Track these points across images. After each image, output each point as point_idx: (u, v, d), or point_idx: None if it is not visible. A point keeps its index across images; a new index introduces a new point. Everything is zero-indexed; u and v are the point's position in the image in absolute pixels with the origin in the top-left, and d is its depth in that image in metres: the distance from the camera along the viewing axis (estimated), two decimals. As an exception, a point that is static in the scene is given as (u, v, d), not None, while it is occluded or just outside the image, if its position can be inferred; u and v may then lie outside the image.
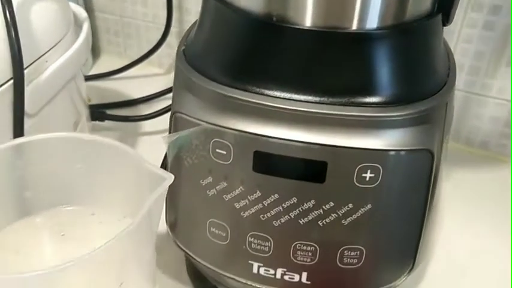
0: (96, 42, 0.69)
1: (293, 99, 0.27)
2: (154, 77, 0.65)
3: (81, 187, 0.33)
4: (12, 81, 0.34)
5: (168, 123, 0.31)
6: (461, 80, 0.50)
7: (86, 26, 0.44)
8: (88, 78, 0.63)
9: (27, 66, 0.35)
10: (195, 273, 0.37)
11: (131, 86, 0.63)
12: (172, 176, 0.28)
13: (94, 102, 0.57)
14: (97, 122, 0.52)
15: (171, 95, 0.58)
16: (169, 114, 0.52)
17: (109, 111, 0.53)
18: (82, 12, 0.45)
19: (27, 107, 0.35)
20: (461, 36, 0.49)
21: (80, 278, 0.25)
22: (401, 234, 0.30)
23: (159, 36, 0.61)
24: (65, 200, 0.33)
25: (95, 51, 0.70)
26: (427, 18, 0.28)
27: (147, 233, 0.28)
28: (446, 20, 0.30)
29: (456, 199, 0.46)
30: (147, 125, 0.55)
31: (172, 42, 0.63)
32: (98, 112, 0.51)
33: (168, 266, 0.40)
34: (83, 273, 0.25)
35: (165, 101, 0.59)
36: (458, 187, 0.48)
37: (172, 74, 0.58)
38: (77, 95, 0.44)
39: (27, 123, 0.35)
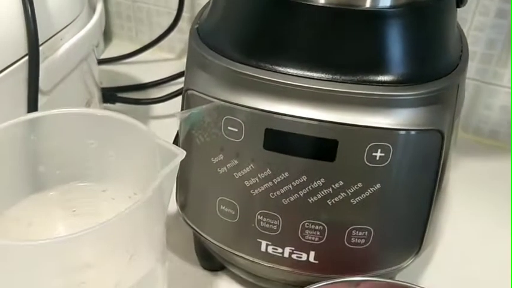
0: (108, 27, 0.70)
1: (305, 77, 0.27)
2: (166, 62, 0.66)
3: (93, 163, 0.33)
4: (27, 57, 0.34)
5: (181, 101, 0.32)
6: (472, 68, 0.50)
7: (99, 7, 0.44)
8: (100, 62, 0.63)
9: (43, 43, 0.36)
10: (203, 252, 0.38)
11: (142, 70, 0.63)
12: (184, 152, 0.28)
13: (105, 85, 0.58)
14: (108, 105, 0.52)
15: (182, 79, 0.59)
16: (180, 97, 0.53)
17: (120, 95, 0.53)
18: (96, -7, 0.45)
19: (42, 83, 0.35)
20: (473, 24, 0.49)
21: (91, 249, 0.26)
22: (409, 215, 0.30)
23: (170, 21, 0.62)
24: (77, 176, 0.34)
25: (107, 35, 0.70)
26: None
27: (158, 208, 0.29)
28: (461, 1, 0.30)
29: (465, 188, 0.46)
30: (158, 108, 0.55)
31: (184, 27, 0.63)
32: (109, 94, 0.52)
33: (177, 246, 0.40)
34: (93, 244, 0.26)
35: (176, 86, 0.59)
36: (467, 176, 0.48)
37: (184, 59, 0.58)
38: (89, 75, 0.44)
39: (41, 100, 0.36)
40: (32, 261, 0.24)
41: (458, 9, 0.31)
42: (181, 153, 0.28)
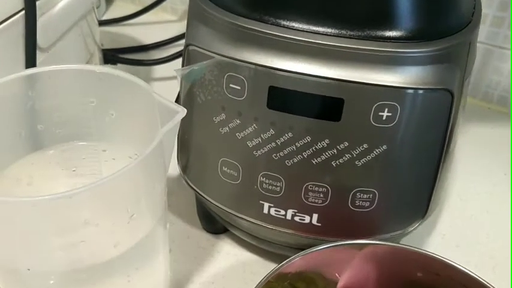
0: (110, -13, 0.68)
1: (311, 31, 0.26)
2: (168, 24, 0.64)
3: (93, 122, 0.33)
4: (23, 12, 0.33)
5: (181, 58, 0.31)
6: (483, 31, 0.49)
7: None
8: (101, 23, 0.62)
9: (39, -1, 0.34)
10: (205, 214, 0.37)
11: (144, 31, 0.62)
12: (185, 110, 0.27)
13: (106, 47, 0.57)
14: (109, 65, 0.51)
15: (183, 41, 0.58)
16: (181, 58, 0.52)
17: (122, 56, 0.52)
18: None
19: (39, 39, 0.34)
20: (486, -15, 0.47)
21: (90, 206, 0.25)
22: (415, 178, 0.30)
23: (173, -19, 0.60)
24: (77, 135, 0.33)
25: (108, -4, 0.69)
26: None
27: (159, 167, 0.28)
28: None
29: (472, 153, 0.46)
30: (160, 70, 0.54)
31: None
32: (111, 55, 0.51)
33: (179, 208, 0.40)
34: (92, 201, 0.25)
35: (179, 47, 0.57)
36: (474, 142, 0.47)
37: (185, 21, 0.57)
38: (89, 34, 0.43)
39: (39, 57, 0.35)
40: (30, 218, 0.24)
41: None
42: (182, 111, 0.27)
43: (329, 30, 0.26)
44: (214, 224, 0.38)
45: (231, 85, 0.28)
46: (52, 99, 0.31)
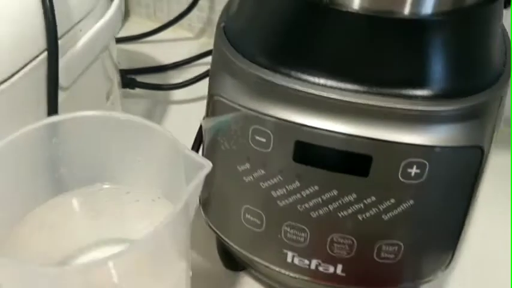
0: (126, 3, 0.68)
1: (339, 88, 0.26)
2: (184, 41, 0.64)
3: (116, 166, 0.32)
4: (46, 53, 0.33)
5: (206, 106, 0.30)
6: None
7: (118, -7, 0.42)
8: (117, 40, 0.61)
9: (62, 36, 0.34)
10: (226, 253, 0.37)
11: (161, 49, 0.62)
12: (211, 164, 0.27)
13: (123, 66, 0.56)
14: (127, 90, 0.51)
15: (201, 61, 0.58)
16: (199, 83, 0.51)
17: (139, 78, 0.52)
18: (114, -23, 0.43)
19: (62, 79, 0.34)
20: None
21: (117, 271, 0.25)
22: (441, 230, 0.29)
23: (189, -2, 0.60)
24: (100, 177, 0.33)
25: (124, 12, 0.68)
26: (488, 2, 0.26)
27: (184, 218, 0.28)
28: (508, 1, 0.28)
29: (494, 185, 0.45)
30: (178, 92, 0.54)
31: (203, 5, 0.61)
32: (129, 79, 0.50)
33: (198, 242, 0.40)
34: (120, 266, 0.25)
35: (195, 68, 0.57)
36: (496, 172, 0.46)
37: (202, 39, 0.56)
38: (110, 63, 0.43)
39: (61, 95, 0.34)
40: (56, 284, 0.24)
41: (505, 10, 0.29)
42: (208, 166, 0.27)
43: (357, 87, 0.25)
44: (234, 262, 0.37)
45: (256, 137, 0.28)
46: (75, 144, 0.31)
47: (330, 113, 0.26)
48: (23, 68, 0.32)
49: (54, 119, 0.30)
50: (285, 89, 0.26)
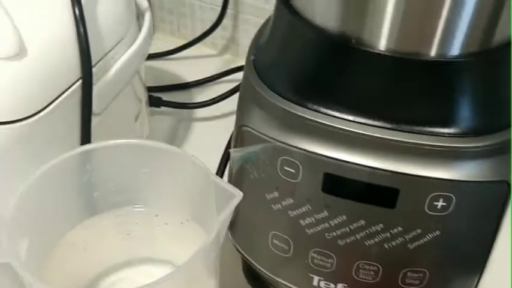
0: (150, 19, 0.69)
1: (366, 124, 0.27)
2: (207, 58, 0.65)
3: (146, 189, 0.34)
4: (80, 81, 0.34)
5: (234, 135, 0.31)
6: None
7: (147, 17, 0.43)
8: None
9: (95, 65, 0.35)
10: (252, 273, 0.38)
11: (184, 66, 0.63)
12: (241, 194, 0.28)
13: (148, 83, 0.58)
14: (154, 108, 0.52)
15: (224, 78, 0.59)
16: (223, 102, 0.52)
17: (164, 97, 0.53)
18: (143, 2, 0.45)
19: (95, 106, 0.35)
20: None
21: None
22: (467, 259, 0.30)
23: (212, 15, 0.61)
24: (131, 201, 0.34)
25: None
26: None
27: (215, 245, 0.29)
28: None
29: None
30: (202, 110, 0.55)
31: (227, 24, 0.62)
32: (156, 98, 0.52)
33: (224, 260, 0.41)
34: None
35: (218, 85, 0.58)
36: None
37: (225, 56, 0.57)
38: (139, 84, 0.44)
39: (94, 121, 0.36)
40: None
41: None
42: (238, 195, 0.28)
43: (384, 124, 0.26)
44: (260, 282, 0.38)
45: (285, 168, 0.29)
46: (108, 170, 0.33)
47: (357, 147, 0.27)
48: (58, 96, 0.33)
49: (87, 147, 0.32)
50: (313, 123, 0.27)
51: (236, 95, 0.54)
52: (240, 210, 0.33)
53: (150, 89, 0.53)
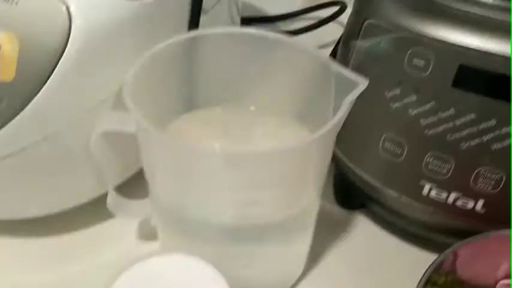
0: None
1: (508, 8, 0.25)
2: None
3: (247, 85, 0.33)
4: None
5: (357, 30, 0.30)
6: None
7: None
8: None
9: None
10: (343, 190, 0.37)
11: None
12: (367, 81, 0.26)
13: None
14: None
15: (307, 15, 0.57)
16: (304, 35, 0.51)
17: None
18: None
19: (205, 1, 0.35)
20: None
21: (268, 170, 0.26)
22: None
23: None
24: (230, 97, 0.33)
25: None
26: None
27: (333, 137, 0.28)
28: None
29: None
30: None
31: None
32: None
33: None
34: (272, 165, 0.26)
35: (301, 21, 0.57)
36: None
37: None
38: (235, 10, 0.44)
39: (201, 18, 0.35)
40: (217, 168, 0.25)
41: None
42: (363, 83, 0.27)
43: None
44: (350, 200, 0.37)
45: (413, 61, 0.27)
46: (210, 61, 0.32)
47: (499, 34, 0.25)
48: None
49: (193, 33, 0.31)
50: (450, 10, 0.26)
51: (316, 31, 0.53)
52: (351, 112, 0.32)
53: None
